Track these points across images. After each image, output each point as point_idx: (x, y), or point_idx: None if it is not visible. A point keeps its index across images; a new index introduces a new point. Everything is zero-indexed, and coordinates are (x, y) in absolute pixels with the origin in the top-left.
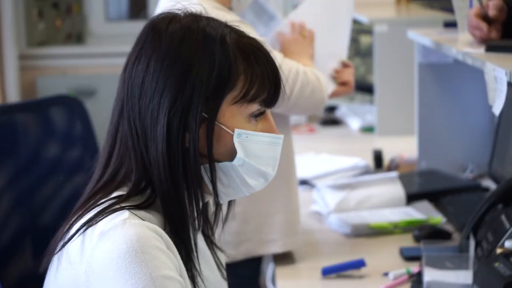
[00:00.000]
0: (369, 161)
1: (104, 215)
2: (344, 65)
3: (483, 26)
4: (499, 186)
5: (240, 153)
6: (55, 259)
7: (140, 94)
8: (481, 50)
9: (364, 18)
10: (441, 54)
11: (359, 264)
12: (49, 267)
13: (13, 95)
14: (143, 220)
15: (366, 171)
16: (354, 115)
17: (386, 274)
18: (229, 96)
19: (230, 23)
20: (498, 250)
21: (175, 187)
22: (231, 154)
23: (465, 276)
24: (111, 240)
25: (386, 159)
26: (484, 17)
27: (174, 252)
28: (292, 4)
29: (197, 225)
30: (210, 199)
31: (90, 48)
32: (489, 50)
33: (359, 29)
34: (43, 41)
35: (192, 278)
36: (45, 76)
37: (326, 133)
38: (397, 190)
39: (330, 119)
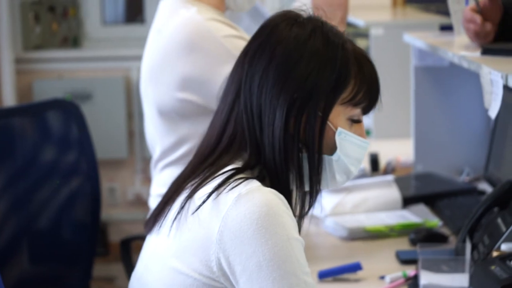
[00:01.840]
0: (365, 164)
1: (233, 182)
2: None
3: (477, 18)
4: (495, 189)
5: (338, 150)
6: (174, 221)
7: (259, 81)
8: (477, 53)
9: (360, 21)
10: (437, 57)
11: (355, 267)
12: (160, 227)
13: (9, 99)
14: None
15: (362, 175)
16: None
17: (382, 278)
18: (341, 97)
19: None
20: (494, 253)
21: (286, 171)
22: (329, 149)
23: (461, 279)
24: (250, 202)
25: (382, 162)
26: (479, 14)
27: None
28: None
29: (305, 211)
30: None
31: (87, 52)
32: (485, 53)
33: (355, 33)
34: (39, 45)
35: None
36: (41, 80)
37: None
38: (393, 193)
39: None
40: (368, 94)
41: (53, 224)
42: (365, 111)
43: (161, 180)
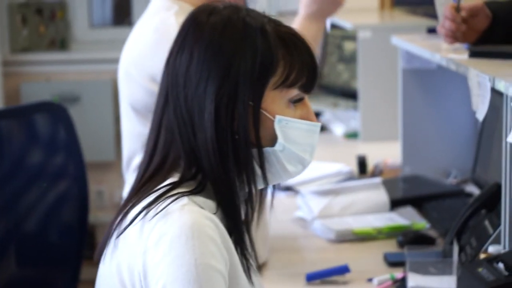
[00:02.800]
0: (353, 167)
1: (163, 201)
2: None
3: (456, 16)
4: (483, 191)
5: (280, 139)
6: (110, 245)
7: (184, 82)
8: (464, 55)
9: (348, 24)
10: (424, 60)
11: (343, 270)
12: (104, 254)
13: None
14: (201, 207)
15: (350, 177)
16: (338, 121)
17: (370, 280)
18: (270, 81)
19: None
20: (482, 255)
21: (226, 172)
22: (271, 140)
23: (449, 281)
24: (167, 223)
25: (370, 165)
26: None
27: (229, 245)
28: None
29: (250, 213)
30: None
31: (74, 55)
32: (473, 56)
33: (343, 35)
34: (27, 47)
35: (248, 268)
36: (28, 83)
37: None
38: (381, 196)
39: None
40: (302, 72)
41: (41, 227)
42: (305, 88)
43: None
